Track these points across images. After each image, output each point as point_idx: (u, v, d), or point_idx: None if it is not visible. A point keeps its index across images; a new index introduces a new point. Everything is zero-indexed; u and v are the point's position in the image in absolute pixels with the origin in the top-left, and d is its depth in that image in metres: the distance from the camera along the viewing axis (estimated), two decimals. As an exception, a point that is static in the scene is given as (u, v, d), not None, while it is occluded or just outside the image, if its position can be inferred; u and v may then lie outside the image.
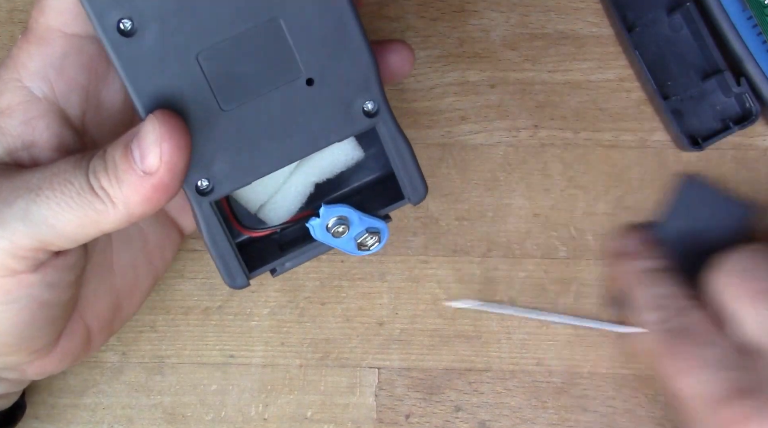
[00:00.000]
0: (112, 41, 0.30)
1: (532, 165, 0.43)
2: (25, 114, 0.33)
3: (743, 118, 0.42)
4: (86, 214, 0.31)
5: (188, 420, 0.43)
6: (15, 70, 0.33)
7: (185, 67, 0.31)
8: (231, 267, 0.34)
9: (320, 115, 0.33)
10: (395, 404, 0.43)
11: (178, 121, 0.30)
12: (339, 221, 0.35)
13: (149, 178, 0.30)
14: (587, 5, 0.43)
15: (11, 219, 0.31)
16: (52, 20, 0.32)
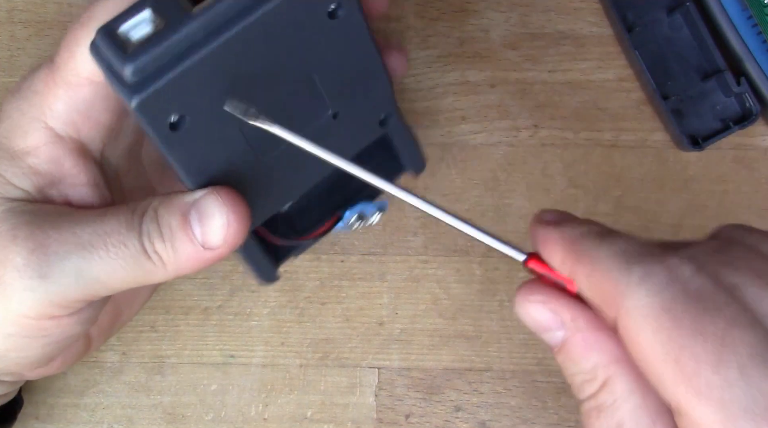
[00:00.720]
0: (162, 136, 0.30)
1: (532, 165, 0.43)
2: (51, 153, 0.33)
3: (743, 118, 0.42)
4: (137, 274, 0.31)
5: (188, 420, 0.43)
6: (40, 110, 0.33)
7: (230, 139, 0.31)
8: (263, 267, 0.35)
9: (342, 137, 0.34)
10: (395, 404, 0.43)
11: (243, 203, 0.31)
12: (358, 217, 0.36)
13: (209, 252, 0.31)
14: (587, 5, 0.43)
15: (62, 274, 0.31)
16: (82, 68, 0.32)
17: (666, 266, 0.25)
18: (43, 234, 0.31)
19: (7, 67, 0.42)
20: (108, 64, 0.29)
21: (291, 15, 0.30)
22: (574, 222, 0.29)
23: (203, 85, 0.29)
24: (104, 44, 0.29)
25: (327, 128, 0.34)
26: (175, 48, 0.28)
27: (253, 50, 0.30)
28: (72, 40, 0.32)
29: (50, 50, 0.42)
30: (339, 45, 0.32)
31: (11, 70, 0.42)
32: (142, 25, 0.29)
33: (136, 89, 0.28)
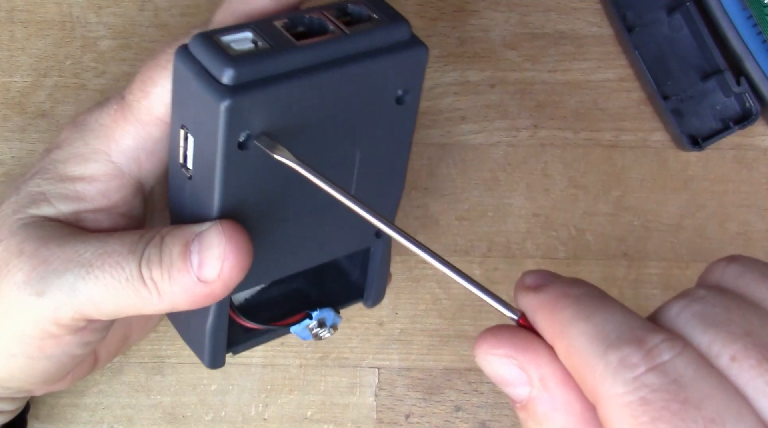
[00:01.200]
0: (226, 150, 0.29)
1: (532, 165, 0.43)
2: (106, 185, 0.33)
3: (743, 118, 0.42)
4: (130, 300, 0.31)
5: (188, 420, 0.43)
6: (106, 144, 0.33)
7: (267, 182, 0.31)
8: (218, 347, 0.34)
9: (345, 230, 0.35)
10: (395, 404, 0.43)
11: (245, 240, 0.30)
12: (320, 322, 0.36)
13: (202, 285, 0.30)
14: (587, 5, 0.43)
15: (58, 290, 0.31)
16: (155, 107, 0.32)
17: (645, 351, 0.23)
18: (48, 251, 0.31)
19: (7, 67, 0.42)
20: (200, 66, 0.29)
21: (371, 82, 0.31)
22: (554, 287, 0.25)
23: (283, 112, 0.30)
24: (203, 46, 0.29)
25: (338, 215, 0.34)
26: (277, 68, 0.29)
27: (328, 100, 0.31)
28: (148, 80, 0.32)
29: (51, 50, 0.42)
30: (389, 131, 0.33)
31: (11, 70, 0.42)
32: (243, 41, 0.29)
33: (231, 93, 0.28)
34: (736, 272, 0.25)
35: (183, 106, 0.30)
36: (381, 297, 0.38)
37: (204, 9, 0.42)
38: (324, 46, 0.30)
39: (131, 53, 0.42)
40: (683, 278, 0.44)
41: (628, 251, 0.43)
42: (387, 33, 0.31)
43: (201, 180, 0.31)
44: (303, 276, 0.38)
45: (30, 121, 0.42)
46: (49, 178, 0.33)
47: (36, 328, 0.32)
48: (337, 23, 0.31)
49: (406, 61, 0.32)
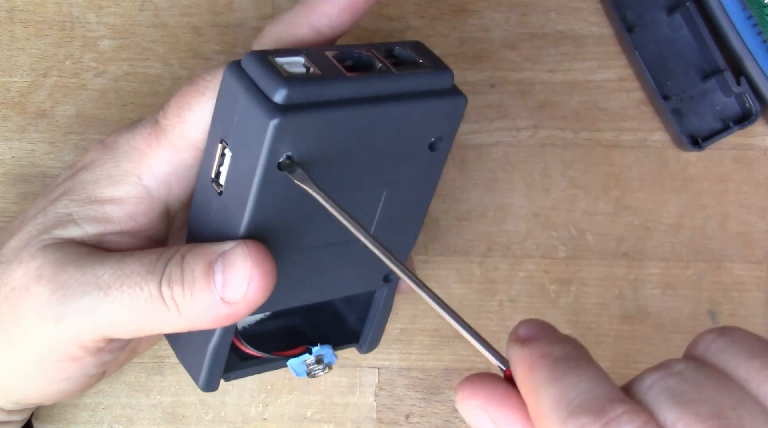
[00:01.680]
0: (266, 169, 0.29)
1: (532, 165, 0.43)
2: (135, 208, 0.33)
3: (743, 118, 0.42)
4: (150, 319, 0.31)
5: (188, 420, 0.43)
6: (138, 167, 0.33)
7: (299, 207, 0.31)
8: (215, 375, 0.34)
9: (355, 270, 0.35)
10: (395, 404, 0.43)
11: (271, 262, 0.30)
12: (317, 359, 0.36)
13: (225, 306, 0.30)
14: (587, 5, 0.43)
15: (77, 315, 0.31)
16: (190, 133, 0.32)
17: (604, 422, 0.22)
18: (66, 275, 0.31)
19: (7, 67, 0.42)
20: (251, 82, 0.29)
21: (409, 123, 0.32)
22: (538, 345, 0.25)
23: (324, 140, 0.30)
24: (257, 63, 0.29)
25: (354, 253, 0.34)
26: (326, 95, 0.29)
27: (366, 135, 0.31)
28: (185, 105, 0.32)
29: (51, 50, 0.42)
30: (417, 175, 0.34)
31: (11, 70, 0.42)
32: (295, 65, 0.30)
33: (281, 112, 0.28)
34: (722, 346, 0.24)
35: (226, 120, 0.30)
36: (376, 344, 0.38)
37: (204, 9, 0.42)
38: (372, 81, 0.31)
39: (131, 53, 0.42)
40: (683, 278, 0.44)
41: (628, 251, 0.43)
42: (431, 78, 0.32)
43: (232, 197, 0.31)
44: (300, 314, 0.38)
45: (30, 121, 0.42)
46: (78, 199, 0.33)
47: (56, 353, 0.32)
48: (384, 62, 0.32)
49: (445, 109, 0.33)
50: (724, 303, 0.44)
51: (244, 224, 0.30)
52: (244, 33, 0.42)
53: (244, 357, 0.35)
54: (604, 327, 0.43)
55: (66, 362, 0.32)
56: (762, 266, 0.44)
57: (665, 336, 0.44)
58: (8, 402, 0.34)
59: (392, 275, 0.36)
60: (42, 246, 0.32)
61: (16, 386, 0.33)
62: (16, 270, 0.32)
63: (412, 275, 0.29)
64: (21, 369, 0.32)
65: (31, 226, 0.33)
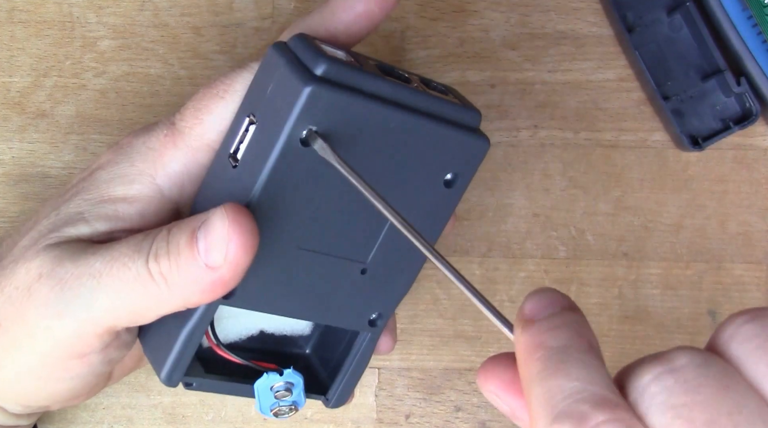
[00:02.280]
0: (288, 140, 0.29)
1: (532, 165, 0.43)
2: (146, 206, 0.33)
3: (743, 118, 0.42)
4: (142, 299, 0.31)
5: (188, 420, 0.43)
6: (152, 166, 0.33)
7: (310, 199, 0.31)
8: (179, 367, 0.33)
9: (348, 298, 0.34)
10: (395, 404, 0.43)
11: (249, 221, 0.30)
12: (286, 385, 0.35)
13: (210, 272, 0.30)
14: (587, 5, 0.43)
15: (76, 309, 0.31)
16: (207, 135, 0.32)
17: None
18: (63, 269, 0.31)
19: (7, 67, 0.42)
20: (294, 56, 0.30)
21: (431, 148, 0.32)
22: (535, 332, 0.25)
23: (349, 131, 0.30)
24: (302, 42, 0.30)
25: (348, 277, 0.34)
26: (362, 84, 0.30)
27: (389, 144, 0.31)
28: (203, 108, 0.32)
29: (51, 50, 0.42)
30: (428, 209, 0.34)
31: (11, 70, 0.42)
32: (338, 53, 0.31)
33: (318, 81, 0.29)
34: (746, 336, 0.23)
35: (259, 93, 0.31)
36: (344, 400, 0.37)
37: (204, 9, 0.42)
38: (406, 91, 0.31)
39: (131, 53, 0.42)
40: (683, 278, 0.44)
41: (628, 251, 0.44)
42: (460, 112, 0.33)
43: (247, 168, 0.31)
44: (272, 358, 0.37)
45: (30, 121, 0.42)
46: (90, 198, 0.33)
47: (61, 350, 0.32)
48: (420, 84, 0.32)
49: (468, 146, 0.33)
50: (724, 303, 0.44)
51: (252, 192, 0.30)
52: (244, 33, 0.42)
53: (209, 369, 0.35)
54: (604, 327, 0.43)
55: (72, 359, 0.32)
56: (762, 266, 0.44)
57: (665, 336, 0.44)
58: (17, 405, 0.34)
59: (379, 321, 0.36)
60: (46, 245, 0.32)
61: (24, 388, 0.33)
62: (20, 269, 0.32)
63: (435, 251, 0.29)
64: (28, 370, 0.32)
65: (42, 226, 0.33)
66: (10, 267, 0.32)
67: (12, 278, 0.32)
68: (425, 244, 0.28)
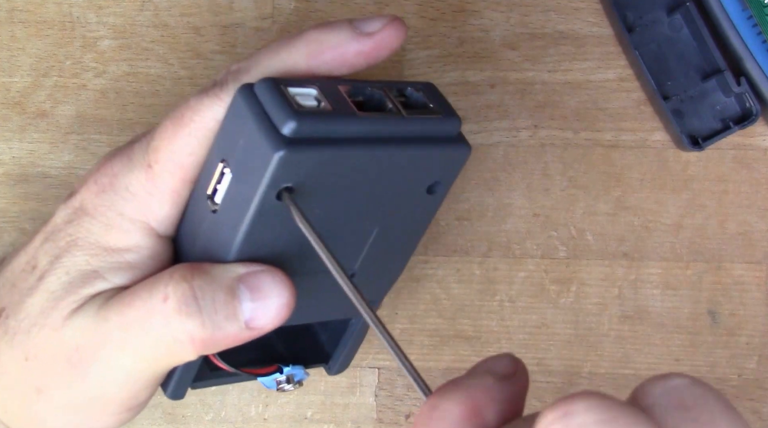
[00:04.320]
0: (263, 199, 0.29)
1: (532, 165, 0.43)
2: (153, 250, 0.32)
3: (743, 118, 0.42)
4: (169, 357, 0.31)
5: (188, 420, 0.43)
6: (143, 213, 0.32)
7: (291, 235, 0.31)
8: (184, 384, 0.34)
9: (339, 298, 0.34)
10: (395, 404, 0.43)
11: (294, 287, 0.30)
12: (288, 378, 0.36)
13: (249, 332, 0.30)
14: (587, 5, 0.43)
15: (118, 375, 0.31)
16: (188, 175, 0.32)
17: None
18: (95, 340, 0.31)
19: (7, 67, 0.42)
20: (261, 109, 0.29)
21: (412, 167, 0.32)
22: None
23: (325, 175, 0.30)
24: (269, 91, 0.29)
25: (333, 284, 0.34)
26: (335, 132, 0.29)
27: (367, 174, 0.31)
28: (179, 151, 0.31)
29: (51, 50, 0.42)
30: (410, 216, 0.34)
31: (11, 70, 0.42)
32: (307, 97, 0.30)
33: (288, 145, 0.28)
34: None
35: (230, 141, 0.30)
36: (345, 367, 0.38)
37: (204, 9, 0.42)
38: (381, 122, 0.31)
39: (131, 53, 0.42)
40: (683, 278, 0.44)
41: (628, 251, 0.43)
42: (439, 125, 0.32)
43: (227, 218, 0.30)
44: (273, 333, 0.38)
45: (30, 121, 0.42)
46: (96, 253, 0.32)
47: (114, 407, 0.32)
48: (395, 103, 0.31)
49: (449, 156, 0.33)
50: (724, 303, 0.44)
51: (236, 246, 0.30)
52: (244, 33, 0.42)
53: (213, 367, 0.35)
54: (604, 327, 0.43)
55: (123, 413, 0.33)
56: (762, 266, 0.44)
57: (665, 336, 0.44)
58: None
59: (372, 304, 0.36)
60: (71, 311, 0.32)
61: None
62: (49, 337, 0.32)
63: (378, 322, 0.29)
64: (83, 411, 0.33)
65: (51, 284, 0.32)
66: (34, 332, 0.32)
67: (46, 346, 0.32)
68: (365, 308, 0.29)
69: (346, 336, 0.37)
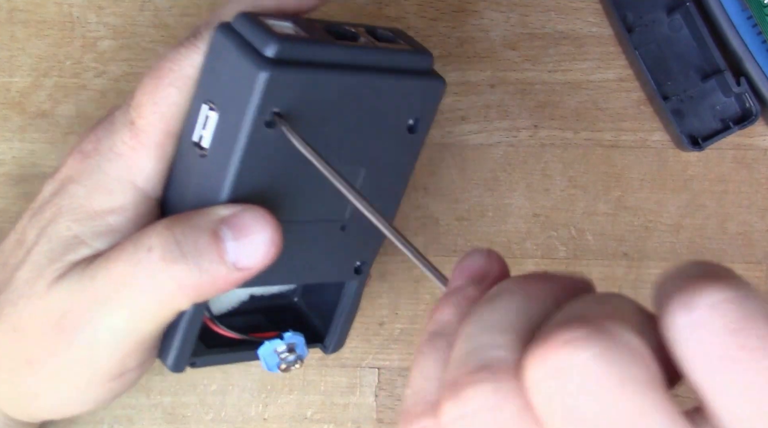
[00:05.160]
0: (253, 126, 0.29)
1: (532, 165, 0.43)
2: (136, 212, 0.32)
3: (743, 118, 0.42)
4: (158, 311, 0.31)
5: (188, 420, 0.43)
6: (128, 172, 0.32)
7: (282, 174, 0.31)
8: (184, 355, 0.34)
9: (332, 254, 0.35)
10: (395, 404, 0.43)
11: (279, 224, 0.30)
12: (289, 347, 0.35)
13: (238, 273, 0.30)
14: (587, 5, 0.43)
15: (108, 336, 0.31)
16: (171, 126, 0.32)
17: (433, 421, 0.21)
18: (82, 303, 0.31)
19: (7, 67, 0.42)
20: (242, 40, 0.29)
21: (390, 100, 0.32)
22: (438, 308, 0.24)
23: (309, 104, 0.30)
24: (248, 22, 0.30)
25: (328, 236, 0.34)
26: (315, 56, 0.30)
27: (349, 106, 0.31)
28: (160, 101, 0.31)
29: (51, 50, 0.42)
30: (396, 157, 0.34)
31: (11, 70, 0.42)
32: (285, 28, 0.30)
33: (272, 65, 0.29)
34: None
35: (213, 80, 0.30)
36: (342, 344, 0.38)
37: (204, 9, 0.42)
38: (358, 50, 0.31)
39: (131, 53, 0.42)
40: (683, 278, 0.44)
41: (628, 251, 0.44)
42: (412, 58, 0.33)
43: (217, 157, 0.30)
44: (262, 314, 0.37)
45: (30, 121, 0.42)
46: (78, 218, 0.32)
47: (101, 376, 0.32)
48: (368, 38, 0.32)
49: (424, 90, 0.33)
50: (724, 303, 0.44)
51: (228, 184, 0.30)
52: (244, 33, 0.42)
53: (210, 345, 0.35)
54: (604, 327, 0.43)
55: (112, 381, 0.32)
56: (762, 266, 0.44)
57: (665, 336, 0.44)
58: (34, 418, 0.35)
59: (363, 267, 0.36)
60: (55, 278, 0.32)
61: (58, 412, 0.34)
62: (36, 306, 0.32)
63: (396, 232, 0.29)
64: (71, 398, 0.33)
65: (37, 254, 0.32)
66: (21, 304, 0.32)
67: (32, 316, 0.32)
68: (385, 224, 0.29)
69: (339, 308, 0.37)
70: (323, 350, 0.38)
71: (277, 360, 0.35)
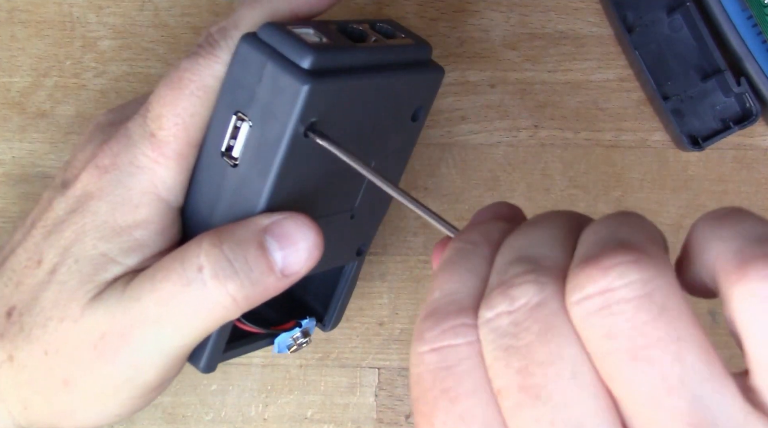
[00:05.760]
0: (294, 137, 0.30)
1: (532, 165, 0.43)
2: (161, 224, 0.32)
3: (743, 118, 0.42)
4: (208, 324, 0.31)
5: (188, 420, 0.43)
6: (151, 184, 0.32)
7: (310, 178, 0.32)
8: (216, 356, 0.34)
9: (341, 242, 0.36)
10: (395, 404, 0.43)
11: (319, 228, 0.31)
12: (304, 332, 0.37)
13: (286, 279, 0.30)
14: (587, 5, 0.43)
15: (147, 357, 0.31)
16: (193, 137, 0.32)
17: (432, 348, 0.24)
18: (121, 324, 0.31)
19: (7, 67, 0.42)
20: (274, 51, 0.30)
21: (401, 92, 0.34)
22: (458, 235, 0.26)
23: (338, 108, 0.31)
24: (277, 33, 0.30)
25: (336, 227, 0.34)
26: (344, 62, 0.31)
27: (369, 104, 0.32)
28: (183, 113, 0.31)
29: (51, 50, 0.42)
30: (399, 145, 0.35)
31: (11, 70, 0.42)
32: (310, 35, 0.31)
33: (312, 77, 0.29)
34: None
35: (242, 90, 0.30)
36: (339, 321, 0.39)
37: (204, 9, 0.42)
38: (374, 51, 0.32)
39: (131, 53, 0.42)
40: (683, 278, 0.44)
41: (628, 251, 0.43)
42: (414, 51, 0.34)
43: (251, 168, 0.31)
44: None
45: (30, 121, 0.42)
46: (103, 235, 0.32)
47: (141, 390, 0.32)
48: (376, 35, 0.33)
49: (428, 80, 0.35)
50: (724, 303, 0.44)
51: (266, 193, 0.31)
52: (244, 33, 0.42)
53: (229, 339, 0.35)
54: (604, 327, 0.43)
55: (152, 392, 0.33)
56: (762, 266, 0.44)
57: (665, 336, 0.44)
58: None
59: (363, 248, 0.37)
60: (89, 300, 0.31)
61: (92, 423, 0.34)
62: (69, 329, 0.32)
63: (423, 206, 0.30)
64: (111, 415, 0.33)
65: (66, 276, 0.32)
66: (52, 326, 0.32)
67: (67, 337, 0.32)
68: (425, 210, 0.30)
69: (339, 286, 0.38)
70: (322, 328, 0.39)
71: (289, 343, 0.36)
